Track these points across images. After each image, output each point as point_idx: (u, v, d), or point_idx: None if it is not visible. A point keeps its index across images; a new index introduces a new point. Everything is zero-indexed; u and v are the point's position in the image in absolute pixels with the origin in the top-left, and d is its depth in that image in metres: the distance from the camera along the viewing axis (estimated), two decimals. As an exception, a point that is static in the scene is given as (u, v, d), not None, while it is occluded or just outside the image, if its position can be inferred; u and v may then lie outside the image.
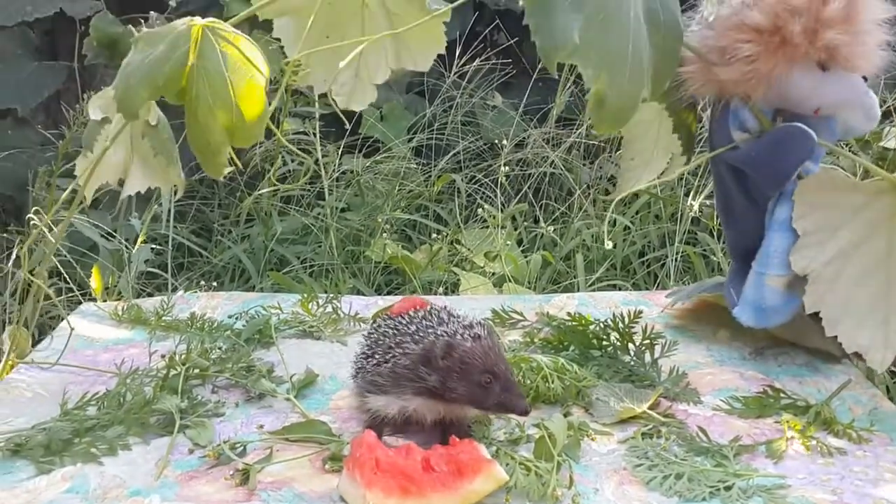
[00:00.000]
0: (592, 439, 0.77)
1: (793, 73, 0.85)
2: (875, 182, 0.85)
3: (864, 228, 0.84)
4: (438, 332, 0.71)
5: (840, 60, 0.85)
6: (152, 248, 1.86)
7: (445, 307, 0.76)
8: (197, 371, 0.87)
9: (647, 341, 0.91)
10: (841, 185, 0.86)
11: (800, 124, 0.86)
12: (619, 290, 1.72)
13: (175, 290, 1.77)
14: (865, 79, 0.88)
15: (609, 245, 0.95)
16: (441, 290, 1.80)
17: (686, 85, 0.88)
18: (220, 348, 0.95)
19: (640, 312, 0.93)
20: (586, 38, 0.70)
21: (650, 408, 0.81)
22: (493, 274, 1.83)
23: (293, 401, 0.83)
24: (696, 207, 1.89)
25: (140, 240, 1.70)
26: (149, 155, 0.80)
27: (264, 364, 0.90)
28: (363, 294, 1.75)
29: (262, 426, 0.79)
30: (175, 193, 0.86)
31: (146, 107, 0.74)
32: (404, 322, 0.75)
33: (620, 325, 0.93)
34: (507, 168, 2.11)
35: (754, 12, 0.84)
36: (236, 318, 1.04)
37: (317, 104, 2.09)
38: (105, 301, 1.18)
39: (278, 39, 0.91)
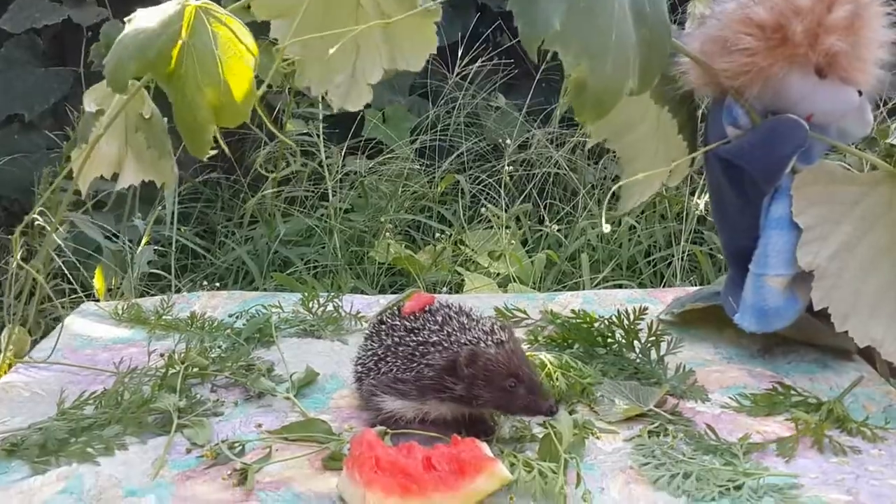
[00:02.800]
0: (597, 437, 0.75)
1: (790, 75, 0.85)
2: (871, 173, 0.84)
3: (865, 220, 0.82)
4: (462, 341, 0.72)
5: (838, 69, 0.84)
6: (155, 250, 1.85)
7: (461, 307, 0.76)
8: (196, 370, 0.86)
9: (653, 338, 0.89)
10: (838, 178, 0.84)
11: (792, 115, 0.85)
12: (625, 289, 1.70)
13: (178, 291, 1.76)
14: (860, 93, 0.86)
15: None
16: (445, 290, 1.79)
17: (684, 79, 0.88)
18: (219, 347, 0.94)
19: (646, 309, 0.92)
20: (568, 25, 0.70)
21: (657, 405, 0.79)
22: (498, 274, 1.82)
23: (293, 400, 0.82)
24: (701, 206, 1.88)
25: (143, 241, 1.70)
26: (142, 148, 0.81)
27: (264, 363, 0.89)
28: (366, 294, 1.74)
29: (260, 425, 0.78)
30: (175, 191, 0.86)
31: (140, 98, 0.74)
32: (425, 328, 0.74)
33: (625, 322, 0.92)
34: (510, 168, 2.10)
35: (759, 8, 0.84)
36: (236, 318, 1.03)
37: (320, 106, 2.09)
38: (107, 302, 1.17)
39: (276, 41, 0.91)
